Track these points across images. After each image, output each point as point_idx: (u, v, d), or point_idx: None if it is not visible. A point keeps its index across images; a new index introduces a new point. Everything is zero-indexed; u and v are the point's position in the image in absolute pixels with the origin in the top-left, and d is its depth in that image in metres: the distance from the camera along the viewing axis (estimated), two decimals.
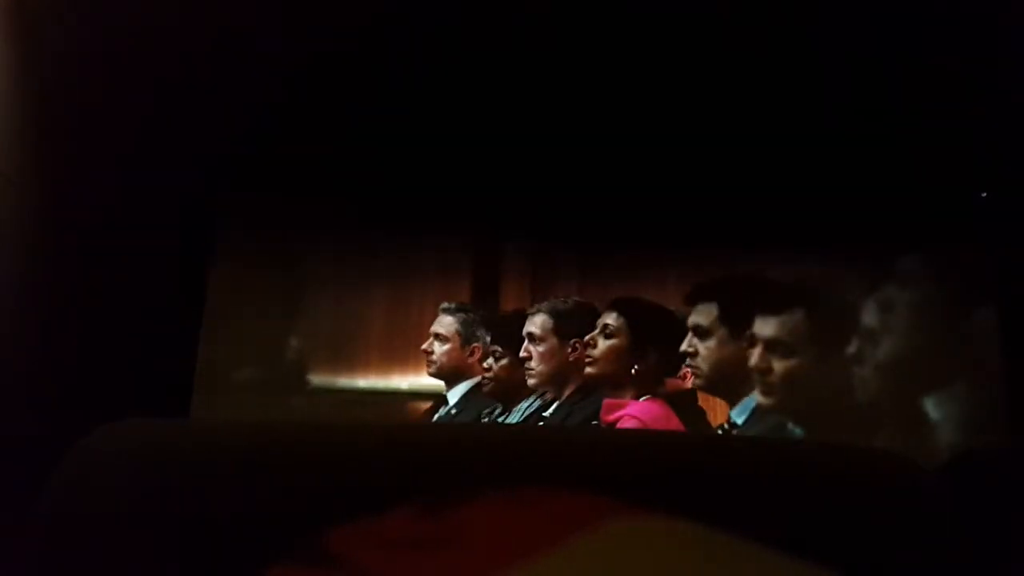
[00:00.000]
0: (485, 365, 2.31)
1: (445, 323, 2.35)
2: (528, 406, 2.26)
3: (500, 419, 2.26)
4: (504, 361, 2.29)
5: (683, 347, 2.14)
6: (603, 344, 2.17)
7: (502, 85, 1.40)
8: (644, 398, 2.13)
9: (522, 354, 2.25)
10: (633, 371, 2.14)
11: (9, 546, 0.60)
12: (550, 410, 2.22)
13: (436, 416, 2.32)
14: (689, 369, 2.16)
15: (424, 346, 2.33)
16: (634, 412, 2.09)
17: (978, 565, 0.58)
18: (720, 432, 2.13)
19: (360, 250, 2.33)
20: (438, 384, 2.35)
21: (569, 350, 2.22)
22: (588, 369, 2.17)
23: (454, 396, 2.33)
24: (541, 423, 2.19)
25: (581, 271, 2.37)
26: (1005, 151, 1.57)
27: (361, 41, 1.24)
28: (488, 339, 2.32)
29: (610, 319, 2.18)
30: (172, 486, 0.57)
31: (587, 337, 2.18)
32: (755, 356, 2.10)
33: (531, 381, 2.24)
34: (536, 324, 2.25)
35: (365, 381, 2.35)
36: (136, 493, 0.57)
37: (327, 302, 2.35)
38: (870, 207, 1.92)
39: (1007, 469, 0.65)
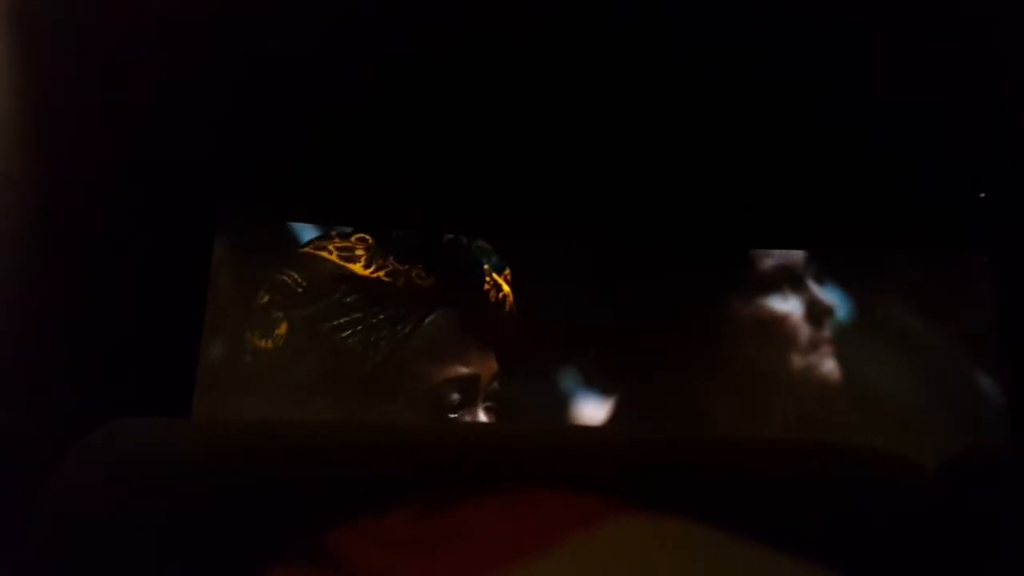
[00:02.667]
0: None
1: None
2: None
3: None
4: None
5: None
6: None
7: (499, 86, 1.39)
8: None
9: None
10: None
11: (9, 546, 0.60)
12: None
13: None
14: None
15: None
16: None
17: (978, 565, 0.57)
18: None
19: None
20: None
21: None
22: None
23: None
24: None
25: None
26: (1005, 151, 1.57)
27: (360, 42, 1.24)
28: None
29: None
30: (172, 486, 0.57)
31: None
32: None
33: None
34: None
35: None
36: (136, 493, 0.56)
37: None
38: (866, 207, 1.91)
39: (1007, 469, 0.65)
